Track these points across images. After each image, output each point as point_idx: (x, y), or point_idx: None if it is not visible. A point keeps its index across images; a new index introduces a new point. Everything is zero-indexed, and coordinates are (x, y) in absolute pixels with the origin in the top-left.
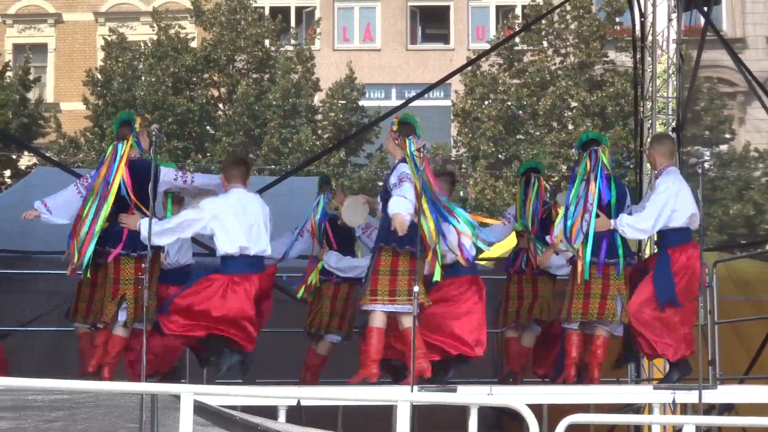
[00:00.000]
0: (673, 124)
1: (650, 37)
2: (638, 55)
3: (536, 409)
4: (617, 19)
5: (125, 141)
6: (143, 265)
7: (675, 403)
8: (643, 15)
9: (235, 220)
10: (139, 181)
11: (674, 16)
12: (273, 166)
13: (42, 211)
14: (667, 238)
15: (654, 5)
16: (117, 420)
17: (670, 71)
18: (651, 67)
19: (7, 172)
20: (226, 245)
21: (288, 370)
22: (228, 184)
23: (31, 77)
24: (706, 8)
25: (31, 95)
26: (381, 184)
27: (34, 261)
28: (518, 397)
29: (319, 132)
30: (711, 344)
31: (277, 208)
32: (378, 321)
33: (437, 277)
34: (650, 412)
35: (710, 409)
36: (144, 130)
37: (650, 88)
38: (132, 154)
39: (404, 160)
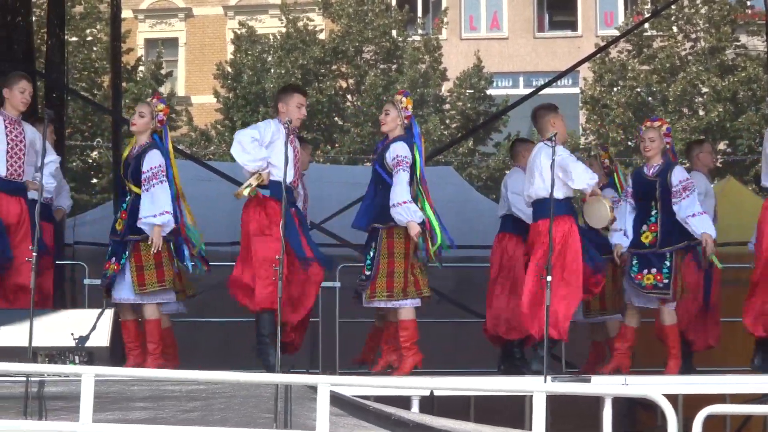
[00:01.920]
0: None
1: None
2: None
3: (672, 399)
4: (749, 3)
5: None
6: None
7: None
8: None
9: None
10: None
11: None
12: None
13: None
14: None
15: None
16: (253, 410)
17: None
18: None
19: None
20: None
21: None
22: None
23: (162, 72)
24: None
25: (163, 89)
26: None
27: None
28: (654, 387)
29: (447, 121)
30: None
31: None
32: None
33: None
34: None
35: None
36: None
37: None
38: None
39: (401, 139)
